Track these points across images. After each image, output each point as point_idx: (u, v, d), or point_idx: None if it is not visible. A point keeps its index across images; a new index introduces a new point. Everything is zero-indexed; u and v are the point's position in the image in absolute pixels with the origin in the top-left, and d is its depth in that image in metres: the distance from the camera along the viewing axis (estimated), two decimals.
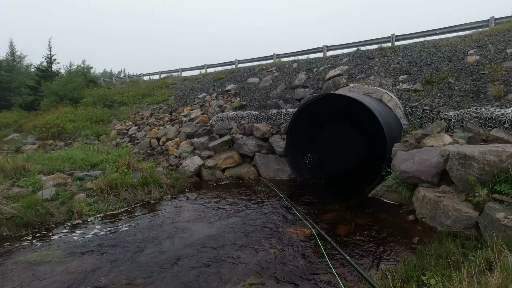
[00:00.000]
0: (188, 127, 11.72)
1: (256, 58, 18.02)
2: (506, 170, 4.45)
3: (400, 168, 6.16)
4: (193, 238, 5.11)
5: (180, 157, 9.97)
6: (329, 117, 9.74)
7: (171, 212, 6.54)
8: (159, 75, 23.23)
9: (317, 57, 14.75)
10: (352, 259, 3.97)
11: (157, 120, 13.69)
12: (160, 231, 5.46)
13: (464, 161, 5.00)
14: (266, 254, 4.49)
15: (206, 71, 20.33)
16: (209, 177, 9.21)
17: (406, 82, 9.53)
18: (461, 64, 9.22)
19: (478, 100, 7.76)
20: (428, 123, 7.54)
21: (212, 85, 16.20)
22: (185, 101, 15.52)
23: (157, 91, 18.55)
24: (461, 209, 4.73)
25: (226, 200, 7.25)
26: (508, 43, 9.21)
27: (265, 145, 9.80)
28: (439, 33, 12.43)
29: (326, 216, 6.05)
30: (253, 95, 13.29)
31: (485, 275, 2.47)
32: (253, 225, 5.64)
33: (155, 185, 7.94)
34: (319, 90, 11.51)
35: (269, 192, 7.83)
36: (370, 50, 12.83)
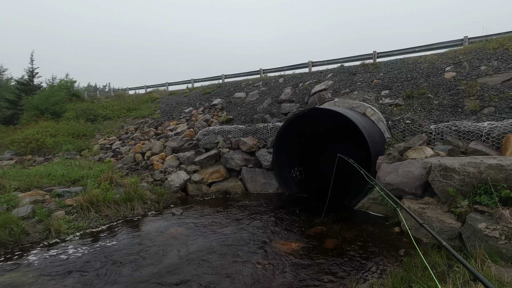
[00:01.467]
0: (174, 141, 11.57)
1: (243, 73, 18.26)
2: (485, 181, 4.58)
3: (384, 180, 6.25)
4: (177, 255, 4.93)
5: (165, 171, 9.78)
6: (315, 130, 9.87)
7: (155, 228, 6.33)
8: (145, 89, 23.10)
9: (302, 72, 15.10)
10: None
11: (142, 135, 13.47)
12: (143, 249, 5.25)
13: (445, 173, 5.13)
14: (253, 270, 4.37)
15: (193, 85, 20.38)
16: (195, 192, 9.04)
17: (388, 97, 9.84)
18: (439, 80, 9.63)
19: (456, 114, 8.07)
20: (410, 136, 7.75)
21: (198, 99, 16.21)
22: (171, 115, 15.40)
23: (143, 105, 18.38)
24: (445, 220, 4.81)
25: (212, 215, 7.10)
26: (481, 60, 9.73)
27: (252, 159, 9.78)
28: (417, 50, 13.04)
29: (314, 229, 6.01)
30: (240, 109, 13.36)
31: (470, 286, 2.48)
32: (241, 240, 5.52)
33: (138, 201, 7.71)
34: (305, 104, 11.70)
35: (255, 206, 7.74)
36: (353, 66, 13.26)
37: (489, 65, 9.31)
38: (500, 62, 9.21)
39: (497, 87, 8.29)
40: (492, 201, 4.39)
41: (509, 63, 9.00)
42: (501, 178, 4.46)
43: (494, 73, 8.85)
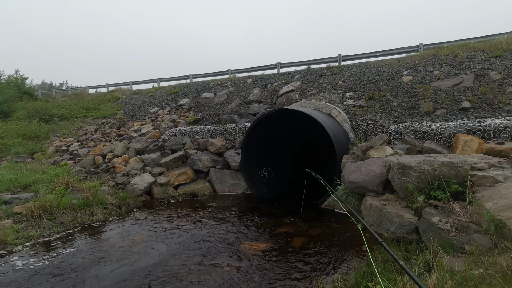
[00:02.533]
0: (138, 142, 11.06)
1: (211, 73, 18.01)
2: (438, 178, 4.90)
3: (349, 179, 6.46)
4: (139, 262, 4.68)
5: (128, 174, 9.30)
6: (283, 131, 9.98)
7: (116, 235, 5.97)
8: (106, 88, 21.87)
9: (271, 74, 15.23)
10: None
11: (103, 136, 12.71)
12: (101, 257, 4.92)
13: (403, 171, 5.42)
14: (221, 273, 4.27)
15: (159, 84, 19.68)
16: (161, 195, 8.70)
17: (352, 99, 10.23)
18: (398, 83, 10.22)
19: (413, 115, 8.61)
20: (372, 136, 8.11)
21: (165, 99, 15.68)
22: (135, 116, 14.73)
23: (104, 104, 17.37)
24: (403, 215, 5.07)
25: (179, 219, 6.87)
26: (434, 66, 10.49)
27: (220, 160, 9.64)
28: (378, 55, 13.76)
29: (282, 229, 6.04)
30: (208, 109, 13.14)
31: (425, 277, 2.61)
32: (208, 243, 5.38)
33: (98, 206, 7.26)
34: (273, 105, 11.81)
35: (224, 207, 7.63)
36: (319, 68, 13.64)
37: (441, 70, 10.06)
38: (451, 67, 10.00)
39: (448, 90, 8.97)
40: (445, 196, 4.71)
41: (458, 68, 9.80)
42: (452, 175, 4.81)
43: (445, 78, 9.58)
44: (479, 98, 8.12)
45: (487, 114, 7.53)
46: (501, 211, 3.58)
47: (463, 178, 4.67)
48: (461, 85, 9.02)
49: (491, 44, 10.50)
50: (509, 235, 3.28)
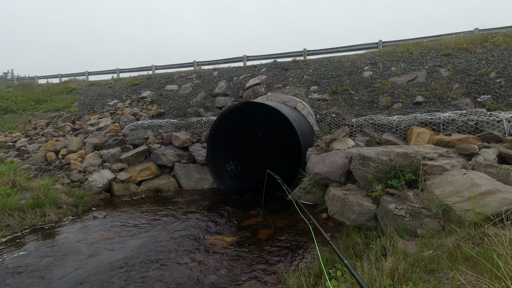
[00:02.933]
0: (95, 137, 10.37)
1: (175, 64, 17.37)
2: (394, 167, 5.20)
3: (313, 171, 6.63)
4: (98, 263, 4.41)
5: (85, 171, 8.70)
6: (250, 124, 9.95)
7: (72, 236, 5.57)
8: (59, 78, 20.12)
9: (237, 66, 15.06)
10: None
11: (56, 130, 11.72)
12: (55, 260, 4.56)
13: (363, 161, 5.67)
14: (186, 269, 4.16)
15: (119, 76, 18.54)
16: (122, 192, 8.27)
17: (316, 92, 10.48)
18: (359, 78, 10.64)
19: (373, 109, 9.03)
20: (335, 128, 8.39)
21: (125, 92, 14.84)
22: (92, 109, 13.76)
23: (57, 96, 15.98)
24: (363, 204, 5.32)
25: (142, 216, 6.58)
26: (392, 62, 11.08)
27: (186, 154, 9.38)
28: (342, 50, 14.21)
29: (248, 221, 6.05)
30: (172, 102, 12.68)
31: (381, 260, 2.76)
32: (173, 239, 5.22)
33: (51, 206, 6.72)
34: (239, 98, 11.71)
35: (189, 202, 7.45)
36: (286, 62, 13.75)
37: (398, 66, 10.65)
38: (406, 64, 10.63)
39: (404, 85, 9.53)
40: (400, 184, 5.01)
41: (413, 65, 10.44)
42: (406, 164, 5.13)
43: (402, 74, 10.16)
44: (431, 93, 8.74)
45: (437, 108, 8.13)
46: (448, 197, 3.89)
47: (416, 167, 5.00)
48: (415, 80, 9.63)
49: (442, 43, 11.32)
50: (455, 218, 3.57)
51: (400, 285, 2.27)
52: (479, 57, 9.61)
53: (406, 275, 2.40)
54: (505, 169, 4.31)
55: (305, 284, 3.10)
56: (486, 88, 8.20)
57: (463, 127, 6.64)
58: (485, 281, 1.95)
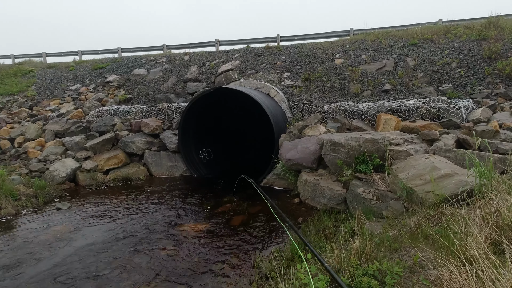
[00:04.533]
0: (56, 124, 9.67)
1: (143, 47, 16.50)
2: (363, 153, 5.38)
3: (286, 157, 6.70)
4: (64, 257, 4.18)
5: (46, 160, 8.13)
6: (222, 110, 9.79)
7: (32, 229, 5.22)
8: (12, 59, 18.33)
9: (209, 51, 14.62)
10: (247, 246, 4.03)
11: (10, 116, 10.76)
12: (14, 256, 4.26)
13: (334, 147, 5.81)
14: (157, 259, 4.08)
15: (81, 58, 17.28)
16: (88, 182, 7.86)
17: (289, 79, 10.49)
18: (331, 65, 10.79)
19: (344, 96, 9.24)
20: (307, 115, 8.49)
21: (88, 75, 13.89)
22: (51, 93, 12.76)
23: (9, 79, 14.59)
24: (334, 188, 5.49)
25: (110, 206, 6.32)
26: (362, 50, 11.32)
27: (156, 141, 9.06)
28: (314, 37, 14.26)
29: (222, 208, 6.03)
30: (141, 87, 12.10)
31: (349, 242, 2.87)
32: (143, 228, 5.07)
33: (7, 198, 6.25)
34: (211, 84, 11.43)
35: (161, 191, 7.27)
36: (259, 48, 13.57)
37: (368, 54, 10.92)
38: (376, 52, 10.92)
39: (373, 73, 9.82)
40: (368, 169, 5.21)
41: (382, 54, 10.75)
42: (374, 150, 5.32)
43: (371, 62, 10.44)
44: (398, 81, 9.09)
45: (403, 95, 8.49)
46: (411, 180, 4.10)
47: (383, 153, 5.22)
48: (384, 69, 9.95)
49: (408, 33, 11.73)
50: (417, 200, 3.78)
51: (366, 264, 2.37)
52: (442, 47, 10.09)
53: (372, 255, 2.51)
54: (462, 153, 4.62)
55: (277, 268, 3.16)
56: (448, 77, 8.67)
57: (426, 114, 7.00)
58: (442, 257, 2.09)
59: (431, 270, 2.18)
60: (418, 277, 2.20)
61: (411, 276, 2.26)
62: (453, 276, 1.82)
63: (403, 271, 2.28)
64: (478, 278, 1.74)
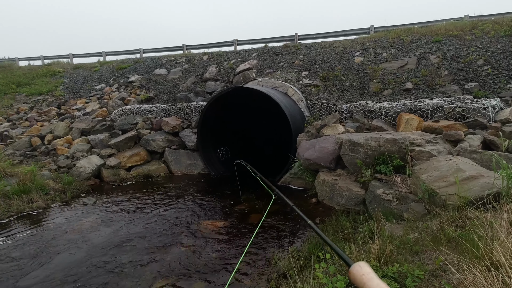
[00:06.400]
0: (82, 122, 10.12)
1: (164, 48, 16.91)
2: (383, 153, 5.29)
3: (303, 156, 6.69)
4: (90, 249, 4.40)
5: (73, 157, 8.54)
6: (240, 109, 9.88)
7: (61, 222, 5.52)
8: (41, 60, 19.32)
9: (227, 51, 14.78)
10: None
11: (40, 115, 11.36)
12: (44, 246, 4.52)
13: (353, 147, 5.74)
14: (176, 254, 4.21)
15: (105, 59, 17.95)
16: (111, 178, 8.19)
17: (307, 78, 10.43)
18: (350, 64, 10.62)
19: (363, 95, 9.08)
20: (326, 114, 8.42)
21: (112, 75, 14.41)
22: (78, 93, 13.35)
23: (40, 79, 15.39)
24: (352, 189, 5.43)
25: (132, 201, 6.56)
26: (383, 48, 11.07)
27: (176, 140, 9.29)
28: (333, 35, 14.08)
29: (239, 206, 6.11)
30: (161, 87, 12.42)
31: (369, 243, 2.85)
32: (164, 224, 5.24)
33: (38, 192, 6.61)
34: (230, 83, 11.55)
35: (180, 188, 7.45)
36: (277, 47, 13.57)
37: (389, 52, 10.66)
38: (397, 50, 10.64)
39: (394, 72, 9.58)
40: (388, 170, 5.12)
41: (403, 51, 10.46)
42: (395, 150, 5.22)
43: (392, 60, 10.19)
44: (420, 80, 8.82)
45: (426, 94, 8.24)
46: (434, 182, 4.00)
47: (404, 153, 5.10)
48: (405, 67, 9.68)
49: (432, 30, 11.34)
50: (440, 202, 3.69)
51: (386, 266, 2.35)
52: (468, 44, 9.70)
53: (392, 257, 2.49)
54: (488, 155, 4.44)
55: (294, 266, 3.19)
56: (474, 75, 8.32)
57: (450, 114, 6.76)
58: (465, 261, 2.04)
59: (454, 275, 2.14)
60: (440, 281, 2.16)
61: (433, 279, 2.23)
62: (478, 281, 1.79)
63: (425, 274, 2.25)
64: (505, 284, 1.70)
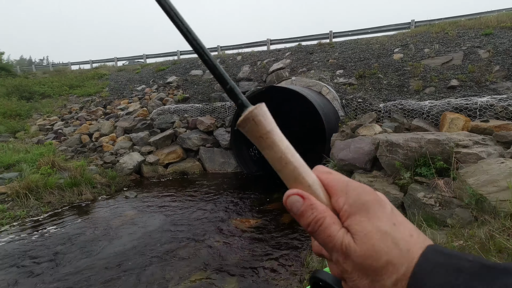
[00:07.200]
0: (125, 121, 10.81)
1: None
2: (424, 155, 5.01)
3: (338, 157, 6.54)
4: (131, 239, 4.71)
5: (116, 153, 9.16)
6: (273, 109, 9.88)
7: (106, 213, 5.96)
8: (90, 64, 20.96)
9: (261, 51, 14.86)
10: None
11: (89, 114, 12.34)
12: (93, 235, 4.93)
13: (391, 148, 5.50)
14: (211, 249, 4.36)
15: (145, 61, 18.99)
16: (150, 174, 8.66)
17: (342, 76, 10.16)
18: (388, 61, 10.16)
19: (402, 93, 8.64)
20: (361, 114, 8.15)
21: (152, 77, 15.20)
22: (121, 94, 14.28)
23: (88, 82, 16.71)
24: (389, 191, 5.21)
25: (169, 197, 6.89)
26: (425, 43, 10.43)
27: (210, 138, 9.57)
28: (370, 32, 13.54)
29: (271, 206, 6.15)
30: (197, 87, 12.85)
31: None
32: (199, 219, 5.45)
33: (87, 185, 7.19)
34: (263, 82, 11.62)
35: (214, 185, 7.67)
36: (310, 45, 13.37)
37: (431, 48, 10.02)
38: (441, 45, 9.96)
39: (437, 68, 8.99)
40: (430, 172, 4.83)
41: (448, 46, 9.77)
42: (438, 152, 4.91)
43: (435, 56, 9.56)
44: (467, 77, 8.19)
45: (474, 92, 7.63)
46: (482, 186, 3.71)
47: (448, 155, 4.79)
48: (450, 63, 9.04)
49: (481, 22, 10.45)
50: (489, 208, 3.42)
51: None
52: None
53: None
54: None
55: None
56: None
57: (502, 113, 6.20)
58: None
59: None
60: None
61: None
62: None
63: None
64: None
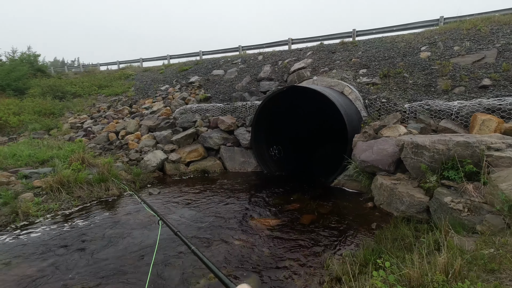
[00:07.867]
0: (149, 120, 11.17)
1: (221, 49, 17.65)
2: (452, 158, 4.80)
3: (360, 158, 6.41)
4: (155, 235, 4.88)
5: (141, 151, 9.49)
6: (294, 108, 9.86)
7: (131, 208, 6.20)
8: (117, 65, 21.81)
9: (282, 50, 14.81)
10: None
11: (116, 113, 12.87)
12: (118, 229, 5.15)
13: (416, 150, 5.32)
14: (231, 247, 4.42)
15: (169, 62, 19.49)
16: (173, 171, 8.90)
17: (365, 76, 9.92)
18: (415, 60, 9.79)
19: (429, 93, 8.31)
20: (385, 114, 7.93)
21: (175, 77, 15.59)
22: (146, 93, 14.77)
23: (115, 82, 17.43)
24: (414, 195, 5.04)
25: (191, 194, 7.05)
26: (455, 41, 9.96)
27: (231, 137, 9.68)
28: (395, 30, 13.09)
29: (291, 206, 6.13)
30: (218, 87, 13.03)
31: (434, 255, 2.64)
32: (219, 218, 5.54)
33: (113, 181, 7.49)
34: (284, 82, 11.59)
35: (234, 184, 7.76)
36: (332, 44, 13.16)
37: (462, 45, 9.55)
38: (472, 42, 9.47)
39: (468, 67, 8.56)
40: (458, 176, 4.63)
41: (480, 44, 9.27)
42: (467, 155, 4.69)
43: (466, 54, 9.10)
44: (501, 76, 7.74)
45: (508, 92, 7.20)
46: None
47: (478, 159, 4.56)
48: (482, 61, 8.58)
49: None
50: None
51: (455, 282, 2.17)
52: None
53: (462, 273, 2.28)
54: None
55: (349, 272, 3.11)
56: None
57: None
58: None
59: None
60: None
61: None
62: None
63: None
64: None
